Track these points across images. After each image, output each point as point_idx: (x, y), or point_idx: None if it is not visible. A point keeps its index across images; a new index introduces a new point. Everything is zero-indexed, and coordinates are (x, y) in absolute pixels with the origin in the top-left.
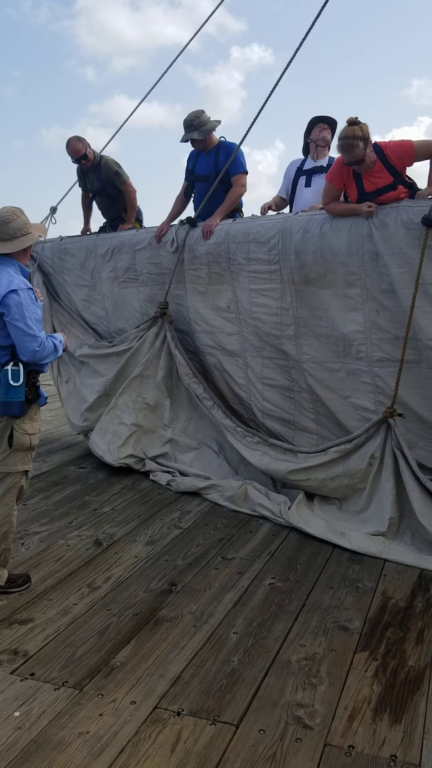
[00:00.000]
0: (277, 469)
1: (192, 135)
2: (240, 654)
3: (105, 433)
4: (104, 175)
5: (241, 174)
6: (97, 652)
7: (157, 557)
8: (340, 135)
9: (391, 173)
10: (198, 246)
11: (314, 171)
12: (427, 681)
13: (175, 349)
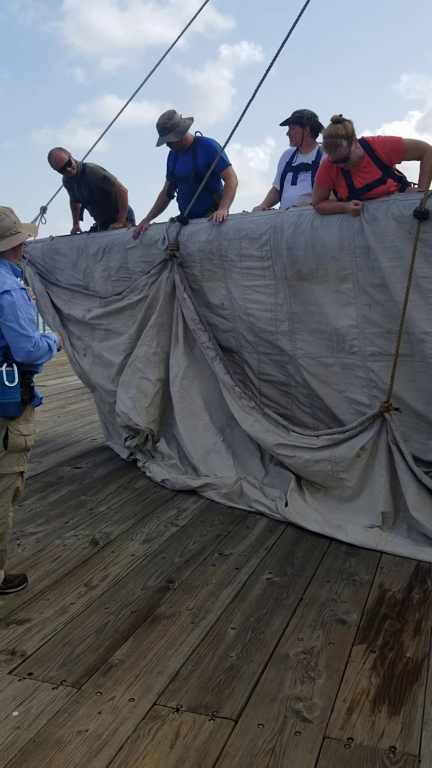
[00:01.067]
0: (266, 439)
1: (168, 138)
2: (238, 649)
3: (128, 388)
4: (91, 183)
5: (228, 168)
6: (95, 650)
7: (154, 555)
8: (324, 134)
9: (380, 167)
10: (189, 244)
11: (300, 168)
12: (426, 672)
13: (184, 293)
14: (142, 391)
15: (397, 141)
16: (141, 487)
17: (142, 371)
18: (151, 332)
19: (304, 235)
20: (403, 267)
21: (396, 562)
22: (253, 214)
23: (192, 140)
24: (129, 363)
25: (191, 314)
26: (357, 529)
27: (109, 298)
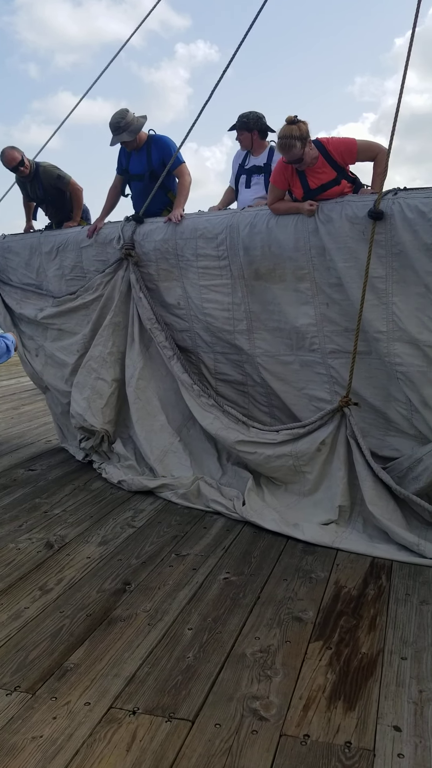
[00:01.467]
0: (226, 437)
1: (122, 137)
2: (195, 650)
3: (83, 388)
4: (45, 182)
5: (182, 165)
6: (49, 655)
7: (110, 557)
8: (279, 135)
9: (334, 168)
10: (145, 243)
11: (252, 171)
12: (380, 667)
13: (140, 292)
14: (97, 391)
15: (350, 142)
16: (97, 488)
17: (97, 371)
18: (106, 332)
19: (260, 235)
20: (357, 267)
21: (351, 559)
22: (209, 213)
23: (146, 138)
24: (84, 363)
25: (147, 313)
26: (314, 527)
27: (62, 297)
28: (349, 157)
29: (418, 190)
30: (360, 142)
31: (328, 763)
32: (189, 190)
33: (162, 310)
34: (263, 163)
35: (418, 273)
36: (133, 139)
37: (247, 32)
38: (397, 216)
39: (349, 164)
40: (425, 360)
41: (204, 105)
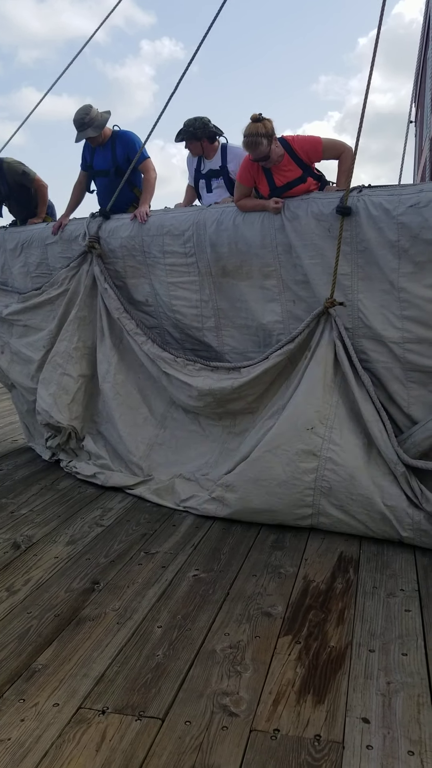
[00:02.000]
0: (222, 387)
1: (87, 133)
2: (165, 647)
3: (49, 384)
4: (9, 179)
5: (146, 161)
6: (17, 656)
7: (79, 556)
8: (244, 132)
9: (300, 166)
10: (111, 240)
11: (211, 175)
12: (348, 660)
13: (105, 283)
14: (63, 387)
15: (316, 140)
16: (64, 488)
17: (63, 367)
18: (71, 327)
19: (227, 231)
20: (323, 264)
21: (320, 553)
22: (175, 210)
23: (110, 134)
24: (49, 359)
25: (115, 303)
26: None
27: (27, 293)
28: (314, 155)
29: (382, 188)
30: (325, 140)
31: (297, 757)
32: (154, 187)
33: (130, 307)
34: (219, 166)
35: (382, 270)
36: (98, 135)
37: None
38: (362, 213)
39: (314, 162)
40: (390, 356)
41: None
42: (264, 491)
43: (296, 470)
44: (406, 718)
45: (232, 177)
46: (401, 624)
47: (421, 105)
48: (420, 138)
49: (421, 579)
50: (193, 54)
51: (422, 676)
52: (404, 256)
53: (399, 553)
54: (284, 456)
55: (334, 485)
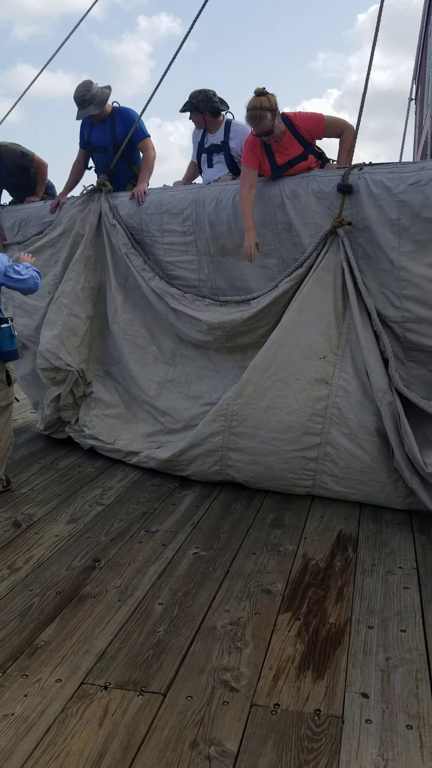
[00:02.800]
0: (232, 319)
1: (89, 111)
2: (166, 624)
3: (53, 325)
4: (8, 161)
5: (146, 139)
6: (19, 633)
7: (79, 535)
8: (248, 106)
9: (301, 143)
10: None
11: (212, 150)
12: (348, 636)
13: (113, 219)
14: (71, 328)
15: (318, 117)
16: (64, 467)
17: (70, 307)
18: (77, 266)
19: (226, 210)
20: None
21: (319, 531)
22: (174, 188)
23: (110, 110)
24: (54, 299)
25: (122, 239)
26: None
27: (29, 239)
28: (317, 131)
29: (383, 165)
30: (327, 117)
31: (298, 731)
32: (153, 165)
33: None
34: (221, 141)
35: (383, 248)
36: (99, 112)
37: (204, 4)
38: (363, 191)
39: (316, 139)
40: (390, 336)
41: (163, 75)
42: (275, 420)
43: (308, 398)
44: (405, 693)
45: (233, 154)
46: (400, 601)
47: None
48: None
49: (420, 557)
50: (188, 29)
51: (420, 652)
52: (405, 235)
53: (398, 531)
54: (296, 385)
55: (345, 412)
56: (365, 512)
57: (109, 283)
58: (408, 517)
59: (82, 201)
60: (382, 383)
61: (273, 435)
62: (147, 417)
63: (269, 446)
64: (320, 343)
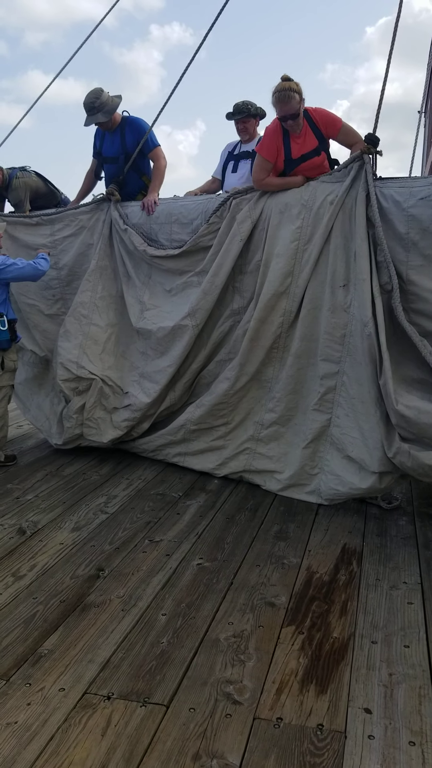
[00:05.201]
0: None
1: (97, 118)
2: (169, 635)
3: (73, 336)
4: (13, 199)
5: (156, 148)
6: (23, 641)
7: (84, 543)
8: (276, 88)
9: (317, 137)
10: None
11: (241, 156)
12: (351, 651)
13: (124, 225)
14: (92, 337)
15: (336, 118)
16: (69, 474)
17: (88, 317)
18: (93, 277)
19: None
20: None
21: (323, 544)
22: (184, 198)
23: (120, 120)
24: (71, 311)
25: (137, 239)
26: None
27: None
28: (332, 130)
29: (393, 180)
30: (344, 124)
31: (300, 746)
32: (164, 175)
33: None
34: (252, 150)
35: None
36: (108, 120)
37: (218, 15)
38: (373, 205)
39: (330, 137)
40: None
41: (175, 86)
42: (306, 347)
43: (328, 326)
44: (408, 709)
45: None
46: (404, 616)
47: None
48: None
49: (424, 572)
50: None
51: (424, 668)
52: (413, 249)
53: (402, 545)
54: (319, 313)
55: (356, 343)
56: (370, 526)
57: (128, 287)
58: (413, 531)
59: (90, 209)
60: (365, 315)
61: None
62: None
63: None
64: (341, 272)
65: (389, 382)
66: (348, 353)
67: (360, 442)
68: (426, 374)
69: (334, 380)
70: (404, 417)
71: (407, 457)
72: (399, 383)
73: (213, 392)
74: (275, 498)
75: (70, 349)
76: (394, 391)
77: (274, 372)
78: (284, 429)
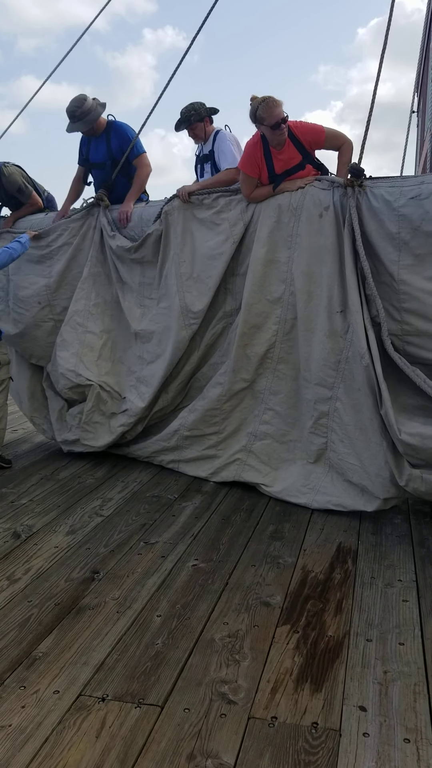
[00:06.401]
0: None
1: (77, 127)
2: (164, 636)
3: (69, 344)
4: (7, 188)
5: (141, 156)
6: (18, 644)
7: (79, 546)
8: (256, 102)
9: (300, 152)
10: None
11: (203, 159)
12: (346, 649)
13: (113, 231)
14: (87, 345)
15: (318, 129)
16: (64, 478)
17: (84, 325)
18: (86, 284)
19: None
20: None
21: (318, 543)
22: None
23: (105, 125)
24: (66, 320)
25: (127, 243)
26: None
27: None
28: (315, 143)
29: (383, 179)
30: (328, 130)
31: (295, 744)
32: (145, 183)
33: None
34: (209, 150)
35: (383, 262)
36: (88, 129)
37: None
38: (363, 205)
39: (315, 150)
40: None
41: (163, 90)
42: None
43: (323, 351)
44: (403, 706)
45: (216, 161)
46: (399, 614)
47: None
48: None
49: (419, 570)
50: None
51: (419, 666)
52: (405, 249)
53: (397, 544)
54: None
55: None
56: (365, 524)
57: (123, 292)
58: (408, 529)
59: (81, 216)
60: (361, 346)
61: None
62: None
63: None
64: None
65: (389, 411)
66: (342, 379)
67: (359, 469)
68: (425, 400)
69: (327, 405)
70: (410, 445)
71: (420, 482)
72: (400, 412)
73: (205, 397)
74: (271, 499)
75: (67, 358)
76: (396, 421)
77: (267, 383)
78: (278, 444)
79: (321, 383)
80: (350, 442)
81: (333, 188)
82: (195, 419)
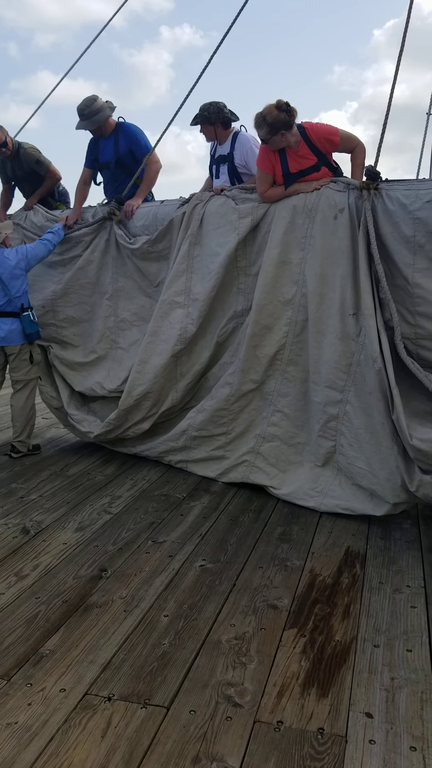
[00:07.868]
0: None
1: (84, 126)
2: (171, 637)
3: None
4: (25, 164)
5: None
6: (25, 641)
7: (87, 543)
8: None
9: (315, 154)
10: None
11: (220, 161)
12: (353, 654)
13: (131, 239)
14: (117, 360)
15: (333, 131)
16: (74, 474)
17: (114, 342)
18: (112, 301)
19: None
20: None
21: (327, 547)
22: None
23: (113, 126)
24: (100, 336)
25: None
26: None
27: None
28: (330, 145)
29: (399, 182)
30: (342, 132)
31: (300, 749)
32: (154, 179)
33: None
34: (227, 152)
35: (398, 265)
36: (95, 128)
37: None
38: (379, 207)
39: (330, 152)
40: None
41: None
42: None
43: (335, 353)
44: (410, 714)
45: (236, 165)
46: (406, 620)
47: None
48: None
49: (428, 576)
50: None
51: (426, 673)
52: (420, 252)
53: (406, 549)
54: (323, 338)
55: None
56: (374, 529)
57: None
58: (417, 534)
59: (93, 229)
60: (374, 350)
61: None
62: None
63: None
64: (351, 300)
65: (401, 417)
66: (353, 382)
67: (368, 473)
68: None
69: (336, 408)
70: (421, 451)
71: (431, 488)
72: (411, 417)
73: (214, 397)
74: (279, 500)
75: (99, 371)
76: (408, 426)
77: (276, 385)
78: (286, 446)
79: (331, 386)
80: (359, 445)
81: (348, 190)
82: (203, 419)
